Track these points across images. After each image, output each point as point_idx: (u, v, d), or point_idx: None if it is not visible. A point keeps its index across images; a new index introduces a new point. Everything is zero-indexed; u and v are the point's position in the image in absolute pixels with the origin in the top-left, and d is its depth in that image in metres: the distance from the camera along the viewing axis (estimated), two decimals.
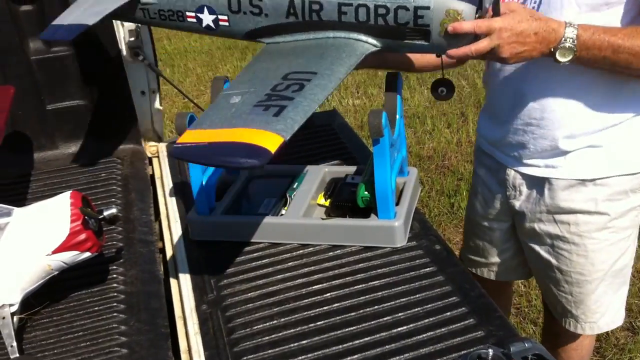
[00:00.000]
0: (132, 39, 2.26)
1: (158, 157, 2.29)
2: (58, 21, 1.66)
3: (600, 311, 1.83)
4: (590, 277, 1.77)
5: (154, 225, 1.91)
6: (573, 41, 1.39)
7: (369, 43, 1.48)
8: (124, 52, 2.24)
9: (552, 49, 1.40)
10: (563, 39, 1.39)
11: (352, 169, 1.93)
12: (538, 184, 1.74)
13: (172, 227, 1.84)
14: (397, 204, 1.73)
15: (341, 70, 1.40)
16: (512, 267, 2.01)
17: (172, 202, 1.97)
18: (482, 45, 1.36)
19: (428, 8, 1.38)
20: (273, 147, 1.21)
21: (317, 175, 1.91)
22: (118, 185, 2.07)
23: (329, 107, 4.57)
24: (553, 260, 1.79)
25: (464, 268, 1.62)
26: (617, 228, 1.73)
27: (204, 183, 1.72)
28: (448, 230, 3.27)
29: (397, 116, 1.77)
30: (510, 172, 1.80)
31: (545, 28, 1.38)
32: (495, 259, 2.01)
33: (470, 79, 4.97)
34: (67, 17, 1.65)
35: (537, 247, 1.82)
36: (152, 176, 2.21)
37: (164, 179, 2.11)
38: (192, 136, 1.28)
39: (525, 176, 1.77)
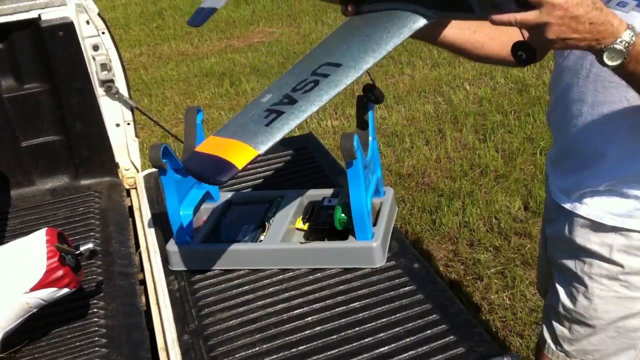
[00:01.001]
0: (105, 72, 2.28)
1: (136, 188, 2.29)
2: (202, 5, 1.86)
3: (596, 357, 1.70)
4: (591, 321, 1.65)
5: (134, 257, 1.91)
6: (627, 45, 1.22)
7: (419, 13, 1.40)
8: (97, 86, 2.25)
9: (602, 47, 1.23)
10: (619, 39, 1.22)
11: (329, 191, 1.95)
12: (565, 214, 1.63)
13: (152, 258, 1.84)
14: (374, 225, 1.74)
15: (369, 59, 1.35)
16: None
17: (152, 233, 1.97)
18: (530, 16, 1.19)
19: None
20: (242, 163, 1.23)
21: (294, 199, 1.92)
22: (96, 219, 2.07)
23: (306, 130, 4.62)
24: (561, 292, 1.70)
25: (443, 285, 1.63)
26: (630, 285, 1.59)
27: (181, 212, 1.73)
28: (431, 247, 3.29)
29: (370, 137, 1.79)
30: (550, 196, 1.71)
31: (603, 21, 1.20)
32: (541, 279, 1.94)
33: (446, 96, 5.02)
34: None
35: (555, 274, 1.73)
36: (131, 208, 2.21)
37: (143, 210, 2.11)
38: (205, 145, 1.30)
39: (556, 203, 1.66)
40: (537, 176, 3.78)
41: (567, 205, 1.61)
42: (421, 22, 1.37)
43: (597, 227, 1.56)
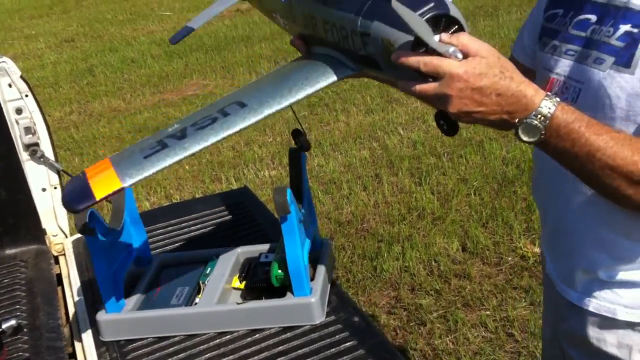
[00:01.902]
0: (29, 136, 2.21)
1: (64, 254, 2.21)
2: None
3: None
4: None
5: (63, 329, 1.82)
6: (544, 120, 1.05)
7: (346, 65, 1.36)
8: (21, 150, 2.18)
9: (516, 121, 1.07)
10: (534, 112, 1.05)
11: (266, 247, 1.91)
12: (574, 310, 1.38)
13: (82, 330, 1.76)
14: (312, 279, 1.71)
15: (274, 104, 1.32)
16: None
17: (82, 302, 1.89)
18: (427, 88, 1.07)
19: (368, 35, 1.22)
20: (102, 194, 1.22)
21: (230, 257, 1.87)
22: (22, 291, 1.98)
23: (243, 182, 4.59)
24: None
25: (384, 338, 1.61)
26: None
27: (110, 279, 1.66)
28: (373, 294, 3.27)
29: (304, 189, 1.77)
30: (554, 289, 1.46)
31: (514, 91, 1.04)
32: None
33: (381, 141, 5.07)
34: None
35: None
36: (59, 276, 2.12)
37: (72, 278, 2.03)
38: (92, 168, 1.32)
39: (563, 298, 1.41)
40: (472, 216, 3.83)
41: (574, 300, 1.37)
42: (344, 73, 1.36)
43: (611, 323, 1.32)
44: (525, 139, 1.07)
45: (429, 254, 3.51)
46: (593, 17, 1.24)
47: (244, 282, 1.79)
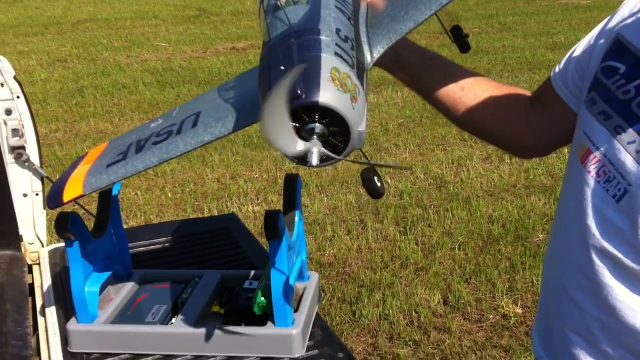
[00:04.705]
0: (16, 138, 2.14)
1: (39, 264, 2.11)
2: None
3: None
4: None
5: (30, 338, 1.72)
6: None
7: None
8: (6, 152, 2.10)
9: None
10: None
11: (250, 273, 1.84)
12: None
13: (51, 340, 1.66)
14: (296, 310, 1.64)
15: (226, 126, 1.20)
16: None
17: (52, 311, 1.79)
18: None
19: None
20: (67, 198, 1.26)
21: (212, 280, 1.80)
22: None
23: (228, 211, 4.52)
24: None
25: None
26: None
27: (86, 288, 1.58)
28: (351, 340, 3.18)
29: (296, 218, 1.71)
30: None
31: None
32: None
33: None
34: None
35: None
36: (32, 285, 2.02)
37: (44, 288, 1.94)
38: (81, 165, 1.35)
39: None
40: (455, 270, 3.78)
41: None
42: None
43: None
44: None
45: (409, 303, 3.44)
46: None
47: (224, 307, 1.72)
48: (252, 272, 1.84)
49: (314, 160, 0.89)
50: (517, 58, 9.02)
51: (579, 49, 1.22)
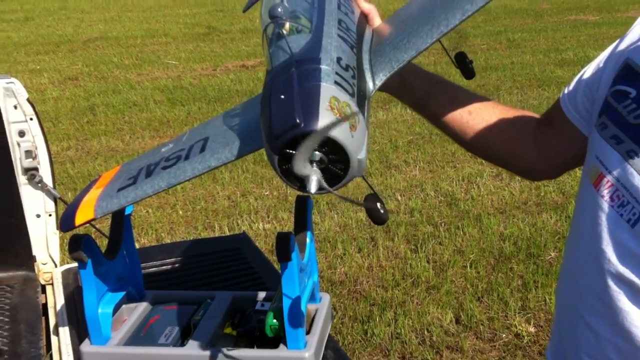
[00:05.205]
0: (29, 160, 2.16)
1: (52, 284, 2.12)
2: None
3: None
4: None
5: (44, 359, 1.73)
6: None
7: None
8: (19, 173, 2.12)
9: None
10: None
11: (262, 294, 1.84)
12: None
13: None
14: (308, 333, 1.63)
15: (232, 153, 1.22)
16: None
17: (65, 332, 1.80)
18: None
19: None
20: (79, 222, 1.27)
21: (224, 301, 1.80)
22: (5, 316, 1.89)
23: (239, 231, 4.52)
24: None
25: None
26: None
27: (99, 310, 1.58)
28: (362, 359, 3.17)
29: (308, 240, 1.71)
30: None
31: None
32: None
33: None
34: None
35: None
36: (45, 305, 2.03)
37: (58, 308, 1.94)
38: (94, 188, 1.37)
39: None
40: (467, 289, 3.76)
41: None
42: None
43: None
44: None
45: (421, 322, 3.42)
46: None
47: (237, 329, 1.72)
48: (264, 294, 1.84)
49: (312, 188, 0.90)
50: (526, 75, 9.02)
51: (588, 71, 1.21)
